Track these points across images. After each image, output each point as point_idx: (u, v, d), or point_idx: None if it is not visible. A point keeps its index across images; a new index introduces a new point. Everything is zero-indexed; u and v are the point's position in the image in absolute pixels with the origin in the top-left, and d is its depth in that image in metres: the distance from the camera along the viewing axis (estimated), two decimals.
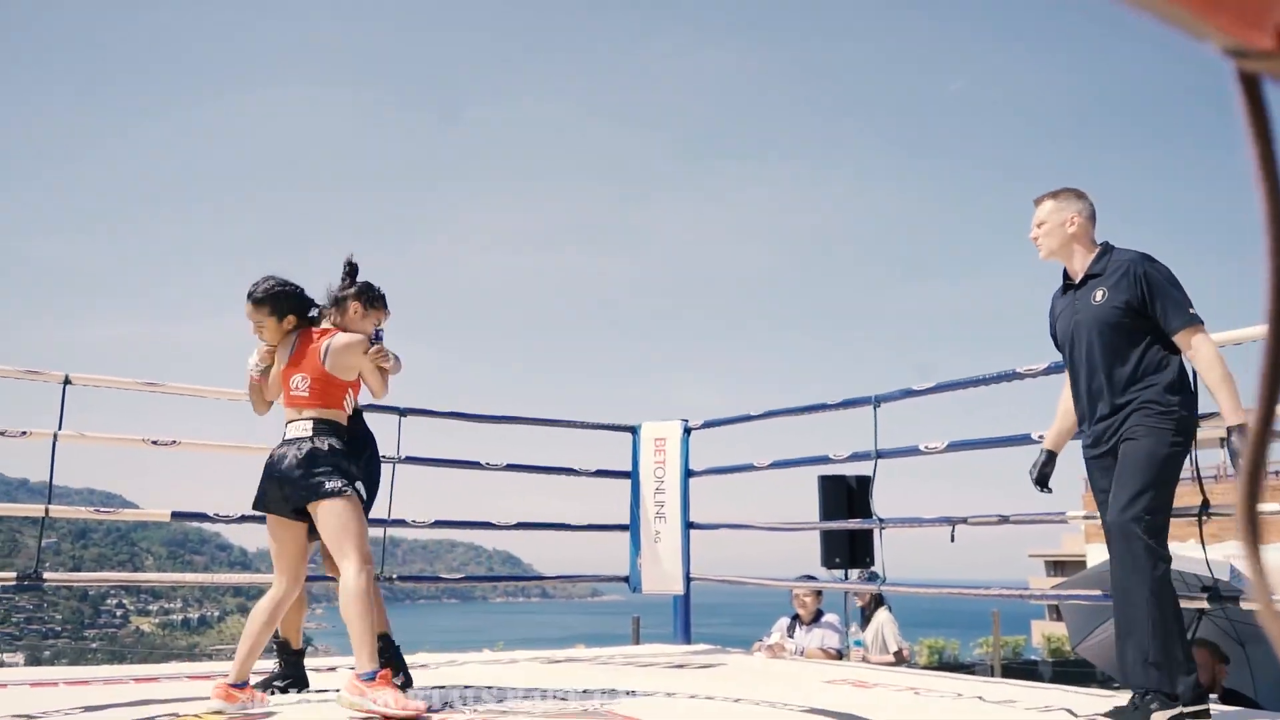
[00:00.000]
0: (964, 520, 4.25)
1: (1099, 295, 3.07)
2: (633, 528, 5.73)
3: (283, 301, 3.33)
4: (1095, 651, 5.26)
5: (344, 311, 3.35)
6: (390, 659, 3.42)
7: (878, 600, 6.05)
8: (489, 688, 3.67)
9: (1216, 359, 2.89)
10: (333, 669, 4.23)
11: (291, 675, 3.51)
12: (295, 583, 3.19)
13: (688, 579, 5.58)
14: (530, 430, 6.12)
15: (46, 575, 4.42)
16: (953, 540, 4.28)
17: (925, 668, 12.07)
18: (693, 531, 5.62)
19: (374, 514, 3.74)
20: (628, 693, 3.53)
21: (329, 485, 3.05)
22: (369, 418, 4.01)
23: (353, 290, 3.38)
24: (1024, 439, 4.08)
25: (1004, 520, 4.19)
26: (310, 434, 3.16)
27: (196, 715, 2.91)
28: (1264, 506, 2.48)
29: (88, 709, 2.99)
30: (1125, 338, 3.01)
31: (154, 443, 4.55)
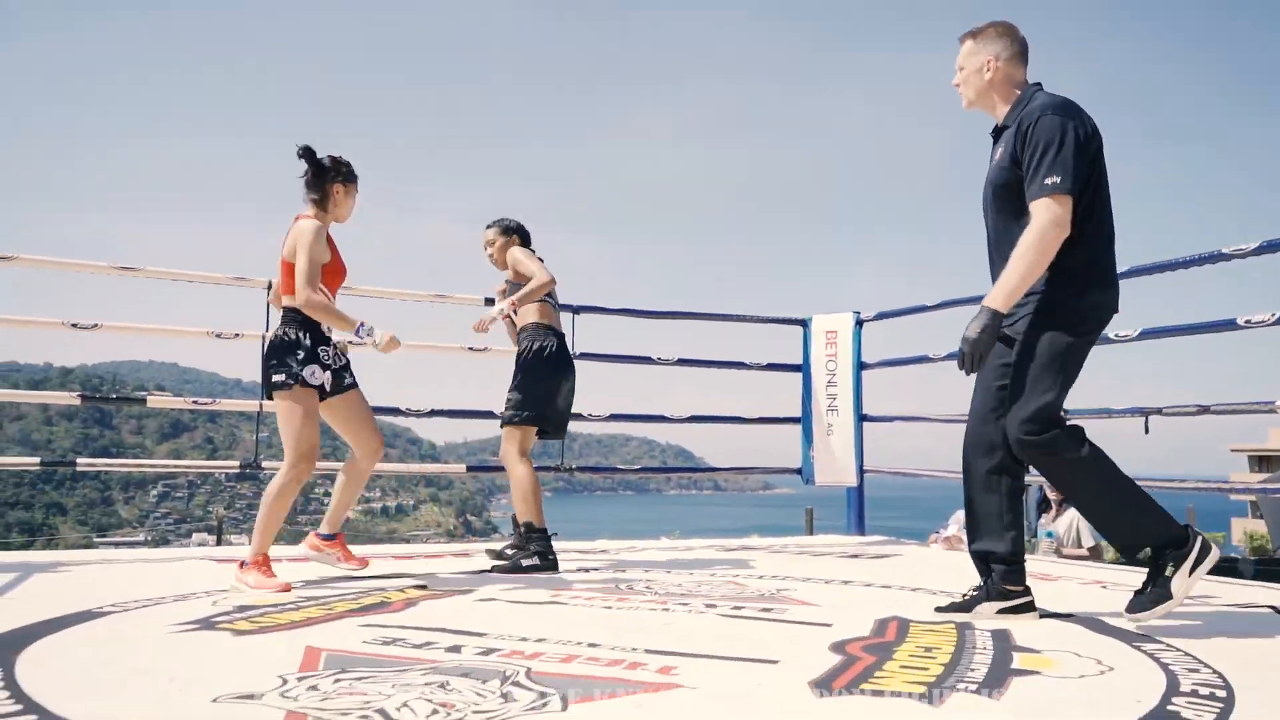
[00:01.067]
0: (1158, 411, 4.03)
1: (998, 153, 2.68)
2: (804, 421, 5.73)
3: (511, 230, 4.15)
4: None
5: (327, 196, 3.37)
6: (544, 546, 3.80)
7: None
8: (667, 570, 3.81)
9: (1039, 239, 2.47)
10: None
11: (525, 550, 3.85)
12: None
13: (861, 471, 5.57)
14: (701, 325, 6.16)
15: (264, 464, 4.84)
16: (1146, 432, 4.07)
17: (1115, 563, 11.63)
18: (866, 424, 5.57)
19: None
20: (803, 579, 3.59)
21: (274, 377, 3.21)
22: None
23: (327, 172, 3.38)
24: (1229, 324, 3.81)
25: (1203, 410, 3.93)
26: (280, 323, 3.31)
27: (401, 590, 3.16)
28: None
29: (308, 582, 3.30)
30: (1013, 203, 2.61)
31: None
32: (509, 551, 3.96)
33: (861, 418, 5.57)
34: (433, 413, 5.08)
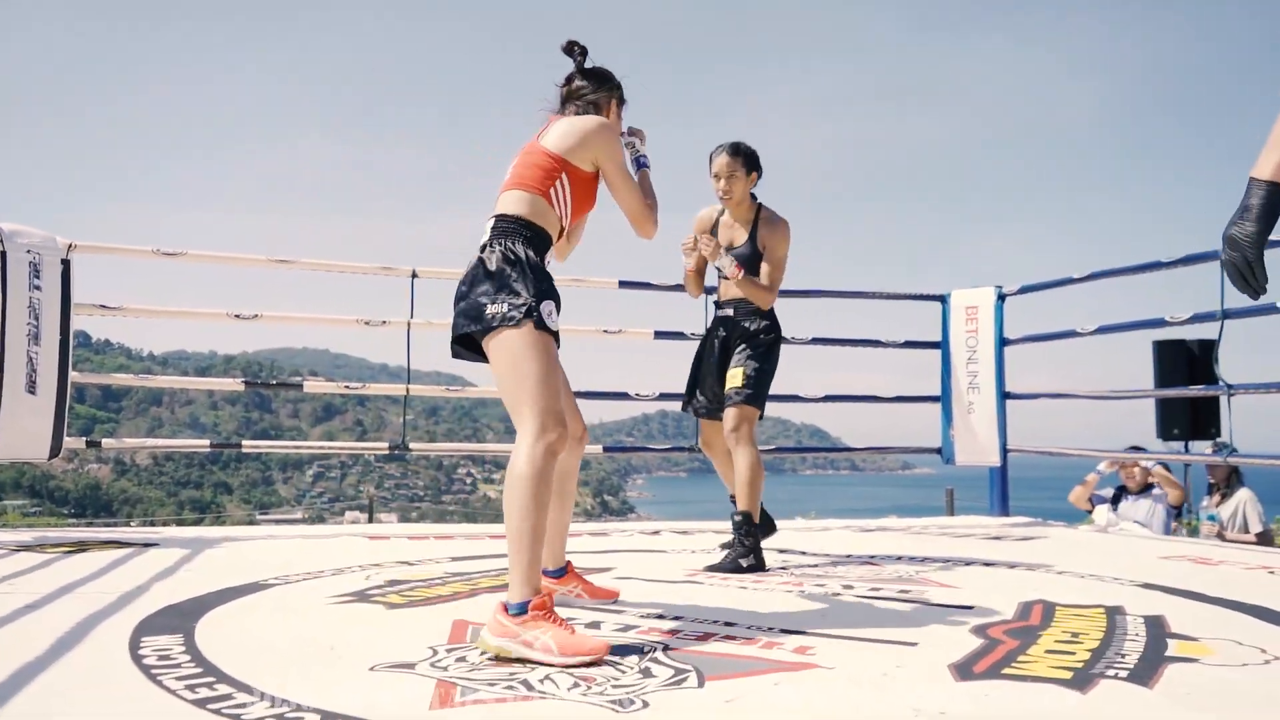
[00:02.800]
0: None
1: None
2: (944, 399, 5.59)
3: (756, 162, 3.59)
4: None
5: (600, 110, 2.63)
6: (758, 542, 3.38)
7: (1235, 475, 5.55)
8: (803, 551, 3.80)
9: None
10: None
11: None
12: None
13: (1004, 450, 5.39)
14: (836, 303, 6.07)
15: (412, 445, 5.06)
16: None
17: None
18: (1009, 402, 5.39)
19: (684, 389, 3.87)
20: (943, 561, 3.52)
21: (490, 310, 2.23)
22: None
23: (608, 81, 2.67)
24: None
25: None
26: (488, 238, 2.37)
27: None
28: None
29: (454, 558, 3.44)
30: None
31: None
32: (731, 549, 3.44)
33: (1004, 395, 5.39)
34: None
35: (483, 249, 2.34)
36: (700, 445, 3.92)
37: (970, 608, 2.55)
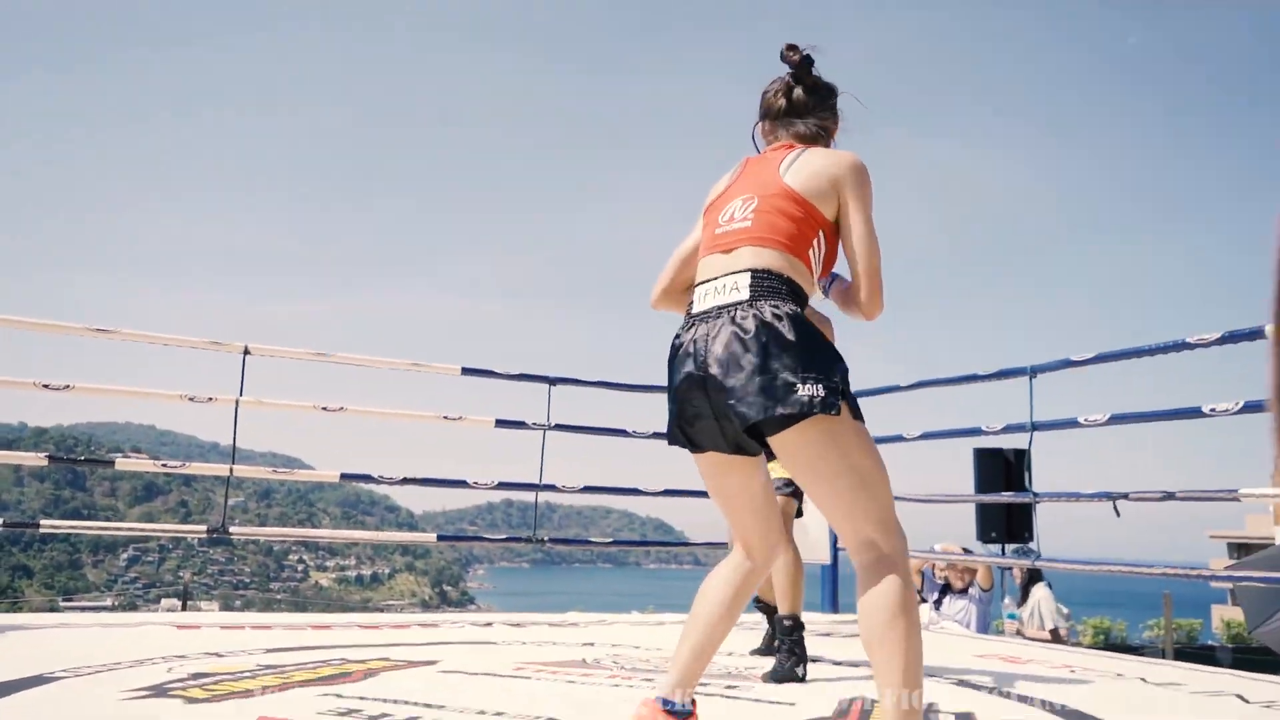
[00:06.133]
0: (1125, 496, 4.06)
1: None
2: None
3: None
4: (1275, 637, 4.94)
5: (827, 134, 2.10)
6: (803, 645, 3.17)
7: (1035, 575, 5.88)
8: (635, 646, 3.77)
9: None
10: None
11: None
12: (766, 551, 1.96)
13: (835, 548, 5.55)
14: (649, 399, 6.18)
15: (233, 530, 4.80)
16: (1117, 515, 4.10)
17: (1090, 648, 11.59)
18: None
19: (526, 478, 3.86)
20: (771, 656, 3.56)
21: (803, 391, 1.72)
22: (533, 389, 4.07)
23: (833, 97, 2.12)
24: (1194, 412, 3.86)
25: (1169, 496, 3.97)
26: (747, 295, 1.83)
27: (363, 661, 3.12)
28: None
29: (269, 650, 3.25)
30: None
31: (323, 408, 4.85)
32: (777, 657, 3.15)
33: None
34: (405, 481, 5.06)
35: (735, 312, 1.81)
36: None
37: (793, 704, 2.58)
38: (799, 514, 3.56)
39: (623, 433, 5.55)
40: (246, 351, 4.67)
